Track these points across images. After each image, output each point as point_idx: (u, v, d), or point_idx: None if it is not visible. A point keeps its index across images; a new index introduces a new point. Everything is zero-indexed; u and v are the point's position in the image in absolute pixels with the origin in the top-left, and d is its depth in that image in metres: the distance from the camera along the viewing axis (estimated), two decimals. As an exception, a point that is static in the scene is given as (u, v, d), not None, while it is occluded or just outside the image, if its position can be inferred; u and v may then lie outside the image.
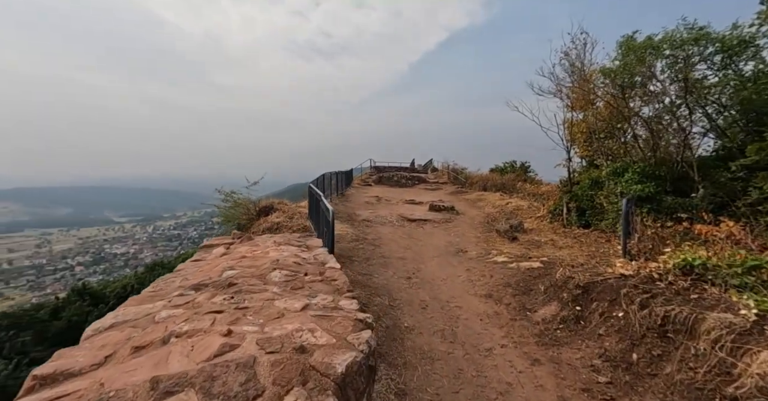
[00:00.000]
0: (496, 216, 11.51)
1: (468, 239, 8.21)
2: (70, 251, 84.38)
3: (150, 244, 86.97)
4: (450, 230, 9.36)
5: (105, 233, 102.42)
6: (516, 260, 5.83)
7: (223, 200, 8.41)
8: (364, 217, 10.16)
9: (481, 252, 6.78)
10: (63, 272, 70.00)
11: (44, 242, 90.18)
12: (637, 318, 2.56)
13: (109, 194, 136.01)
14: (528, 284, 4.43)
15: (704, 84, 6.32)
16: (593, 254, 6.07)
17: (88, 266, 72.26)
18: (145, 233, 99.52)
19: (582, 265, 5.04)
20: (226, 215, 8.35)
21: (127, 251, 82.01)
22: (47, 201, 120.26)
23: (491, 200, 14.31)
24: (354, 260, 5.76)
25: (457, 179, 21.53)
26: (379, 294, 4.12)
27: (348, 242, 7.11)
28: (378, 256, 6.32)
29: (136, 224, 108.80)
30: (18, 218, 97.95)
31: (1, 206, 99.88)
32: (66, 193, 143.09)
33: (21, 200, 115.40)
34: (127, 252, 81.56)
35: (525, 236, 8.61)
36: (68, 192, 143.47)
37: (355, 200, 13.49)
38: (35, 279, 66.36)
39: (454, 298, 4.28)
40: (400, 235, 8.41)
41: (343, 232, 8.04)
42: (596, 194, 8.40)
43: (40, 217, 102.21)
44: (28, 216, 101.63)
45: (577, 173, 11.06)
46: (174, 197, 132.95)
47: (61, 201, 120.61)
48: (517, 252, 6.67)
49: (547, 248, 7.20)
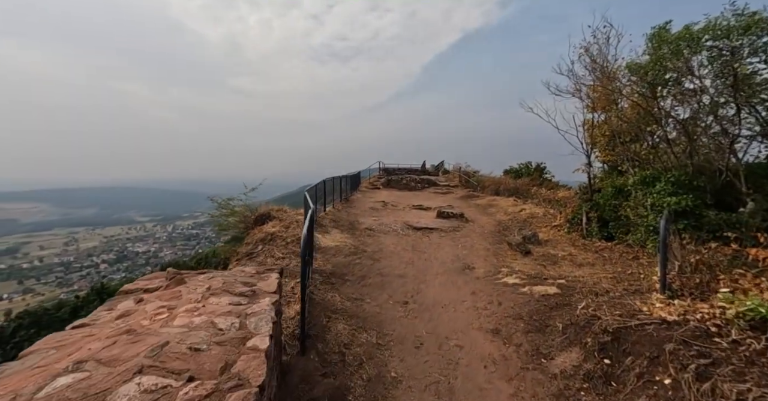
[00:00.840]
0: (508, 225, 10.74)
1: (477, 253, 7.54)
2: (96, 249, 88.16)
3: (169, 243, 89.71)
4: (458, 240, 8.70)
5: (128, 232, 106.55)
6: (529, 282, 5.14)
7: (217, 209, 8.06)
8: (366, 225, 9.64)
9: (490, 270, 6.11)
10: (89, 270, 73.15)
11: (71, 240, 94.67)
12: (694, 394, 1.89)
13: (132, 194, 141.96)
14: (543, 318, 3.77)
15: (755, 80, 5.42)
16: (620, 275, 5.29)
17: (112, 264, 75.21)
18: (165, 233, 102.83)
19: (607, 293, 4.32)
20: (221, 224, 8.01)
21: (148, 250, 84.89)
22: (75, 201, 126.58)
23: (503, 206, 13.50)
24: (347, 280, 5.23)
25: (468, 182, 20.71)
26: (367, 328, 3.57)
27: (344, 257, 6.59)
28: (375, 273, 5.77)
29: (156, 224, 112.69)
30: (48, 218, 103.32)
31: (32, 206, 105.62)
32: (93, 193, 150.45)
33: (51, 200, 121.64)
34: (148, 250, 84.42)
35: (540, 248, 7.85)
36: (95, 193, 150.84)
37: (359, 206, 12.99)
38: (63, 276, 69.60)
39: (455, 333, 3.67)
40: (404, 247, 7.83)
41: (341, 244, 7.54)
42: (621, 204, 7.54)
43: (69, 216, 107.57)
44: (57, 216, 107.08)
45: (598, 179, 10.15)
46: (193, 198, 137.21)
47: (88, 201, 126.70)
48: (530, 270, 5.96)
49: (564, 265, 6.45)
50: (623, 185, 7.63)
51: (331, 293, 4.41)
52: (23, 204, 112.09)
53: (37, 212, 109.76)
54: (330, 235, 8.08)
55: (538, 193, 15.00)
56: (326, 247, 7.16)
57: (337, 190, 12.32)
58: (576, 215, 9.71)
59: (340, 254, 6.73)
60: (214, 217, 8.01)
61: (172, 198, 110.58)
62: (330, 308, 3.87)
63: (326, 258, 6.36)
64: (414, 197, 17.53)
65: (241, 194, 9.01)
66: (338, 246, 7.32)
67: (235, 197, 9.06)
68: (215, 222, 8.09)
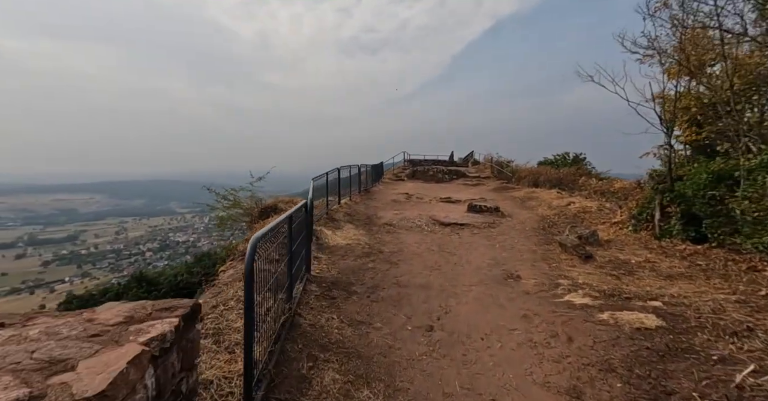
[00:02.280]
0: (554, 221, 9.01)
1: (520, 255, 6.05)
2: (142, 238, 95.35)
3: (206, 233, 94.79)
4: (494, 239, 7.22)
5: (169, 222, 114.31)
6: (606, 304, 3.64)
7: (218, 201, 7.17)
8: (386, 220, 8.41)
9: (543, 280, 4.64)
10: (136, 257, 79.47)
11: (121, 229, 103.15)
12: None
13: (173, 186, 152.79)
14: (654, 374, 2.33)
15: None
16: (747, 297, 3.63)
17: (156, 252, 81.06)
18: (202, 223, 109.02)
19: (751, 331, 2.76)
20: (222, 217, 7.14)
21: (188, 239, 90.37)
22: (125, 193, 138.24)
23: (546, 199, 11.63)
24: (353, 292, 4.04)
25: (501, 173, 18.76)
26: (372, 378, 2.36)
27: (355, 259, 5.42)
28: (391, 282, 4.54)
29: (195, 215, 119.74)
30: (102, 208, 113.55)
31: (89, 197, 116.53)
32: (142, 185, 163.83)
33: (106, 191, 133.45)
34: (188, 240, 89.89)
35: (603, 251, 6.19)
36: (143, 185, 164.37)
37: (380, 198, 11.76)
38: (115, 262, 76.17)
39: (506, 391, 2.36)
40: (428, 246, 6.52)
41: (354, 242, 6.38)
42: (723, 195, 5.64)
43: (120, 207, 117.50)
44: (110, 206, 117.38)
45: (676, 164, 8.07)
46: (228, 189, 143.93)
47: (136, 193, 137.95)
48: (600, 283, 4.42)
49: (646, 277, 4.81)
50: (726, 170, 5.70)
51: (328, 314, 3.25)
52: (82, 195, 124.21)
53: (94, 202, 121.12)
54: (342, 231, 6.95)
55: (586, 184, 12.89)
56: (335, 246, 6.04)
57: (355, 180, 11.15)
58: (644, 210, 7.80)
59: (350, 256, 5.57)
60: (213, 209, 7.14)
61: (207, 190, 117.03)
62: (320, 341, 2.70)
63: (333, 261, 5.23)
64: (441, 189, 16.02)
65: (247, 184, 8.12)
66: (350, 245, 6.17)
67: (243, 188, 8.20)
68: (217, 215, 7.24)
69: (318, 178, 6.63)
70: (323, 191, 7.54)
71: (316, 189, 7.21)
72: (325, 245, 6.03)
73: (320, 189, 7.46)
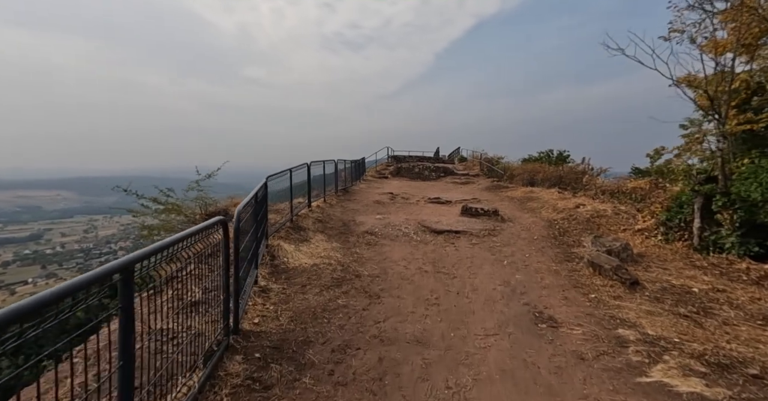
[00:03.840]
0: (565, 227, 7.66)
1: (540, 279, 4.60)
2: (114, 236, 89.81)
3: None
4: (499, 251, 5.77)
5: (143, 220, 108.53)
6: (732, 392, 2.21)
7: (145, 206, 5.36)
8: (367, 227, 6.81)
9: (593, 328, 3.18)
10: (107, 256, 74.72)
11: (91, 227, 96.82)
12: None
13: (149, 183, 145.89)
14: None
15: None
16: None
17: (129, 251, 76.59)
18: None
19: None
20: (150, 226, 5.36)
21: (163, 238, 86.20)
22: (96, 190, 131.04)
23: (548, 200, 10.32)
24: (306, 365, 2.44)
25: (492, 171, 17.47)
26: None
27: (320, 291, 3.80)
28: (370, 336, 2.97)
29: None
30: (70, 206, 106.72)
31: (56, 194, 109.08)
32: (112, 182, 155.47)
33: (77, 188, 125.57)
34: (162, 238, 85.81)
35: (644, 272, 4.83)
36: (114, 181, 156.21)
37: (360, 199, 10.12)
38: (83, 262, 71.27)
39: None
40: (420, 264, 4.98)
41: (323, 260, 4.75)
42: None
43: (90, 204, 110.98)
44: (79, 203, 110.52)
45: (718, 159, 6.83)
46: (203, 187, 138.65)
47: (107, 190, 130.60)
48: (682, 335, 3.00)
49: (732, 318, 3.43)
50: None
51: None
52: (47, 192, 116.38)
53: (61, 199, 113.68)
54: (309, 245, 5.29)
55: (592, 183, 11.71)
56: (296, 269, 4.40)
57: (331, 179, 9.45)
58: (675, 215, 6.56)
59: (313, 286, 3.94)
60: (137, 215, 5.32)
61: (184, 186, 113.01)
62: None
63: (286, 296, 3.59)
64: (429, 187, 14.56)
65: (193, 183, 6.33)
66: (316, 267, 4.54)
67: (192, 187, 6.41)
68: (141, 223, 5.42)
69: (275, 177, 4.92)
70: (287, 194, 5.86)
71: (280, 191, 5.54)
72: (282, 268, 4.39)
73: (284, 191, 5.80)
